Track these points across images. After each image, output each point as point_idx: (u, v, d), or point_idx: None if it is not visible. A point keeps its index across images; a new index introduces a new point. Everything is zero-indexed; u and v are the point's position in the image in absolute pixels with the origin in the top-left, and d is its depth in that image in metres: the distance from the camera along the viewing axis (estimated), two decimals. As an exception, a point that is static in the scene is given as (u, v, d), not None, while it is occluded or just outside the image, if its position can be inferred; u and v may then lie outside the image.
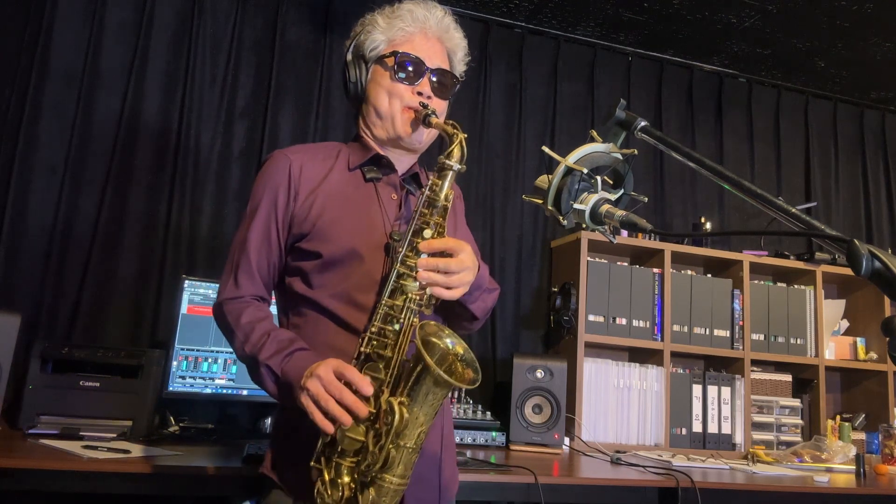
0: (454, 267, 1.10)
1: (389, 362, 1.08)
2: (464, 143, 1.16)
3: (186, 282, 2.16)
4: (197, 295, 2.17)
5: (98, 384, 1.94)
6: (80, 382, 1.93)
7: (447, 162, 1.15)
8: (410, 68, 1.27)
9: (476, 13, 3.04)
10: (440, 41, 1.32)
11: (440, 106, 1.30)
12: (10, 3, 2.45)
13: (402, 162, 1.34)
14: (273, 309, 1.29)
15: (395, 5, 1.32)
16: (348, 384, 1.03)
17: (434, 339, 1.07)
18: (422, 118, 1.23)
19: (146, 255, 2.45)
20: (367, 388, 1.03)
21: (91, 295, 2.36)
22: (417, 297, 1.11)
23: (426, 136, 1.30)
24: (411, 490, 1.12)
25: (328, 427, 1.02)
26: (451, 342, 1.08)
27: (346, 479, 1.05)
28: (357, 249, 1.19)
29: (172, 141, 2.55)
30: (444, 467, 1.27)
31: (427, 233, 1.12)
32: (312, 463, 1.07)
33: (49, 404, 1.90)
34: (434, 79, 1.29)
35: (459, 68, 1.37)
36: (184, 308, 2.14)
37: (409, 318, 1.10)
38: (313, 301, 1.20)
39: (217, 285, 2.17)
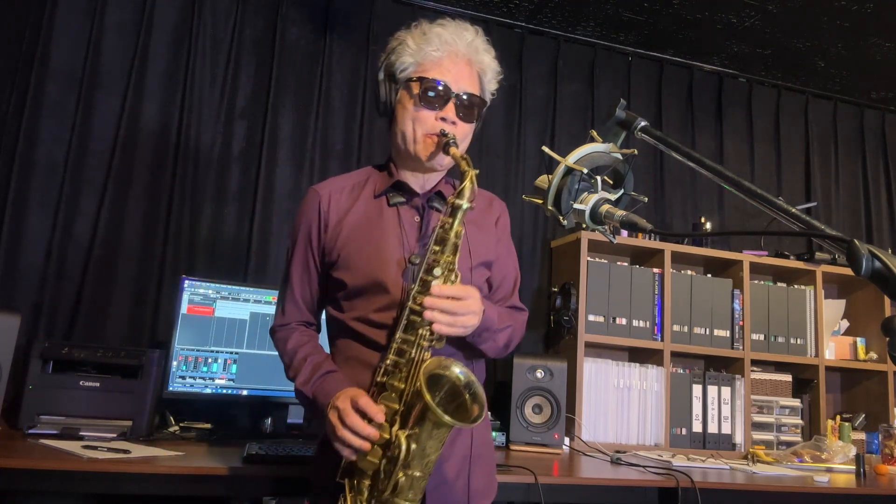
0: (459, 310, 1.14)
1: (402, 393, 1.14)
2: (474, 180, 1.19)
3: (186, 282, 2.16)
4: (197, 295, 2.16)
5: (98, 384, 1.95)
6: (80, 382, 1.93)
7: (457, 202, 1.17)
8: (435, 94, 1.28)
9: (476, 13, 3.04)
10: (469, 64, 1.33)
11: (463, 130, 1.31)
12: (10, 3, 2.45)
13: (429, 180, 1.37)
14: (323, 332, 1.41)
15: (426, 26, 1.33)
16: (362, 412, 1.11)
17: (440, 372, 1.11)
18: (442, 146, 1.27)
19: (146, 255, 2.45)
20: (379, 416, 1.11)
21: (91, 295, 2.36)
22: (427, 333, 1.14)
23: (447, 161, 1.32)
24: (434, 495, 1.18)
25: (351, 456, 1.13)
26: (461, 371, 1.12)
27: (363, 499, 1.12)
28: (377, 277, 1.25)
29: (172, 141, 2.55)
30: (474, 476, 1.29)
31: (437, 271, 1.16)
32: (338, 478, 1.16)
33: (49, 404, 1.90)
34: (463, 101, 1.30)
35: (489, 88, 1.38)
36: (184, 308, 2.14)
37: (419, 354, 1.14)
38: (347, 325, 1.29)
39: (217, 285, 2.20)
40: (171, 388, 2.09)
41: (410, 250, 1.28)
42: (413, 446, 1.06)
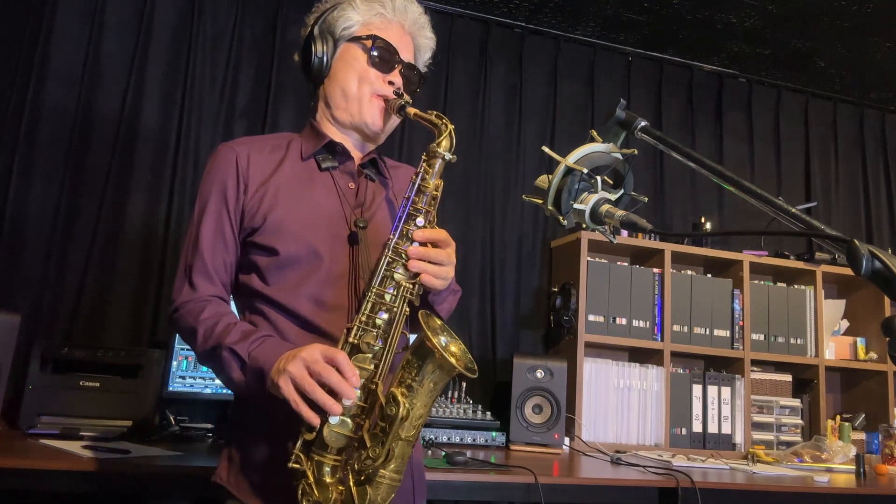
0: (444, 259, 1.09)
1: (379, 353, 1.04)
2: (453, 134, 1.12)
3: (186, 282, 2.16)
4: (197, 295, 2.16)
5: (98, 384, 1.95)
6: (80, 382, 1.93)
7: (438, 150, 1.11)
8: (386, 56, 1.24)
9: (476, 13, 3.03)
10: (413, 38, 1.30)
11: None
12: (10, 3, 2.45)
13: (360, 148, 1.30)
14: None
15: None
16: (338, 370, 0.97)
17: (429, 333, 1.03)
18: (395, 108, 1.20)
19: (146, 255, 2.45)
20: (356, 379, 0.97)
21: (91, 295, 2.36)
22: (410, 286, 1.07)
23: (388, 126, 1.27)
24: None
25: (313, 418, 0.95)
26: (445, 340, 1.05)
27: (330, 478, 1.00)
28: (315, 245, 1.14)
29: (172, 141, 2.55)
30: (415, 467, 1.23)
31: (420, 221, 1.09)
32: (291, 463, 0.99)
33: (49, 404, 1.90)
34: (408, 70, 1.27)
35: (421, 69, 1.35)
36: (184, 308, 2.14)
37: (401, 308, 1.07)
38: (272, 299, 1.14)
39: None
40: (171, 388, 2.09)
41: (350, 217, 1.18)
42: (407, 405, 0.98)
